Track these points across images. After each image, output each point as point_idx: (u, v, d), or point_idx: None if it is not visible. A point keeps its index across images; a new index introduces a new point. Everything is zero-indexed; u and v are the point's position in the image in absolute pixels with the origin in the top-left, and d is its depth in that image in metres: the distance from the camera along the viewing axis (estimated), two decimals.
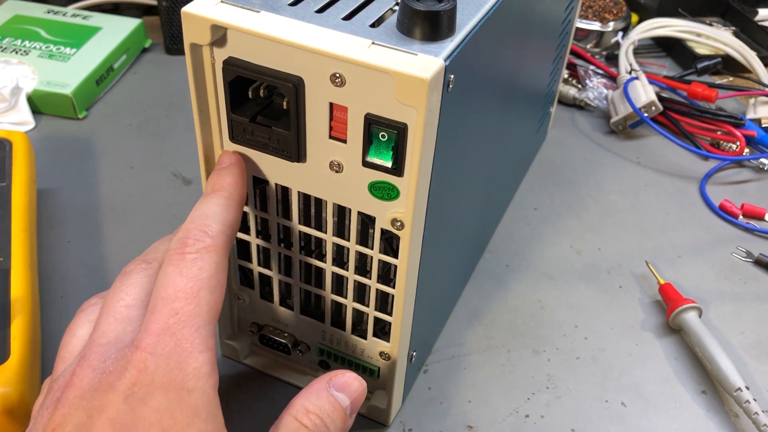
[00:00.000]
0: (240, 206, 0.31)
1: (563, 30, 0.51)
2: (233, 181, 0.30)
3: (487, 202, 0.45)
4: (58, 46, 0.63)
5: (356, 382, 0.30)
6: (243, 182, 0.31)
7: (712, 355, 0.41)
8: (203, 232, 0.28)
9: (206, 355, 0.26)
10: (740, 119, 0.59)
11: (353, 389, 0.30)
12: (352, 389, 0.30)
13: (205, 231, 0.28)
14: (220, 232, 0.28)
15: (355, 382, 0.30)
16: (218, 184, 0.30)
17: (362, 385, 0.30)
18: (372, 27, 0.27)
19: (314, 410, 0.29)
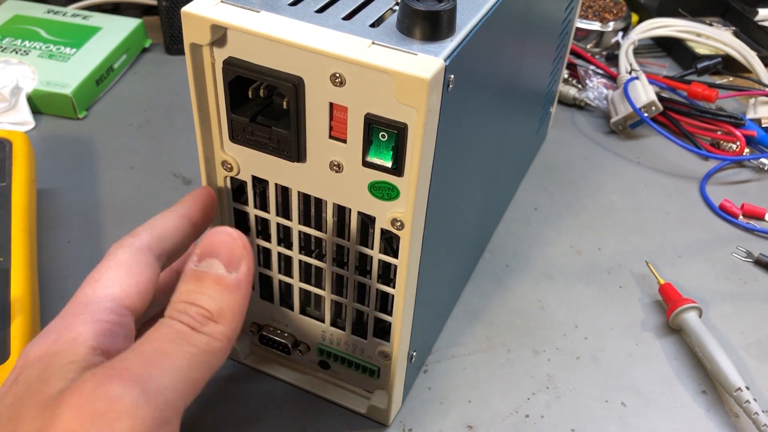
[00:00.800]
0: (184, 220, 0.30)
1: (563, 30, 0.51)
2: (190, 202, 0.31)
3: (487, 202, 0.45)
4: (58, 46, 0.63)
5: (217, 235, 0.25)
6: (200, 207, 0.31)
7: (712, 355, 0.41)
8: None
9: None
10: (740, 119, 0.59)
11: (217, 244, 0.25)
12: (216, 246, 0.25)
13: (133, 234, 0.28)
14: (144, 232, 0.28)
15: (216, 237, 0.25)
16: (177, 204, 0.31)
17: (226, 234, 0.25)
18: (372, 27, 0.27)
19: (179, 299, 0.25)
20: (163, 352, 0.22)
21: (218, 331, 0.23)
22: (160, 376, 0.22)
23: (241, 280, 0.25)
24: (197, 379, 0.23)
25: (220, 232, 0.25)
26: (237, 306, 0.24)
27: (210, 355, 0.23)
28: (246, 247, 0.25)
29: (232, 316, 0.24)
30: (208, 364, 0.23)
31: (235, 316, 0.24)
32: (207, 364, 0.23)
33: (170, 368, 0.22)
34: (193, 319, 0.23)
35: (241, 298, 0.24)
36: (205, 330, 0.23)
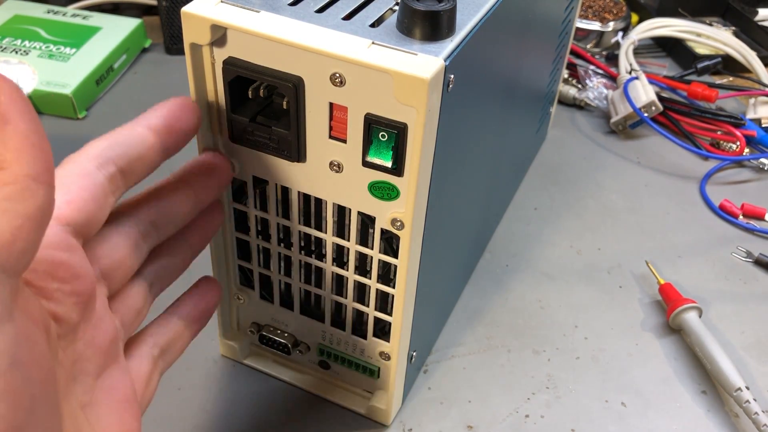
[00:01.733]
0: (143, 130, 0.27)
1: (563, 30, 0.51)
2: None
3: (487, 202, 0.45)
4: (58, 46, 0.63)
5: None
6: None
7: (712, 355, 0.41)
8: None
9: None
10: (740, 119, 0.59)
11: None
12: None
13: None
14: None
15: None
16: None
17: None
18: (372, 27, 0.27)
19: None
20: None
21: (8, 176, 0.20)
22: None
23: (3, 113, 0.20)
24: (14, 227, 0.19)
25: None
26: (12, 139, 0.20)
27: (11, 202, 0.19)
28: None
29: (15, 152, 0.20)
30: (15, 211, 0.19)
31: (19, 148, 0.20)
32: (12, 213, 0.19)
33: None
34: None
35: (14, 127, 0.20)
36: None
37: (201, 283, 0.32)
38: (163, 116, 0.27)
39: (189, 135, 0.28)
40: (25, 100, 0.20)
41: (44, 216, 0.20)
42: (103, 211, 0.25)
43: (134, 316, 0.28)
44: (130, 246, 0.27)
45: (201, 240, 0.31)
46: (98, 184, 0.25)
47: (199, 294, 0.32)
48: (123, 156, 0.26)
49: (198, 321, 0.31)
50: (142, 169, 0.27)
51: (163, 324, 0.30)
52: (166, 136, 0.27)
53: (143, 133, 0.27)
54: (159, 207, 0.28)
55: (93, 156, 0.25)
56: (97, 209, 0.24)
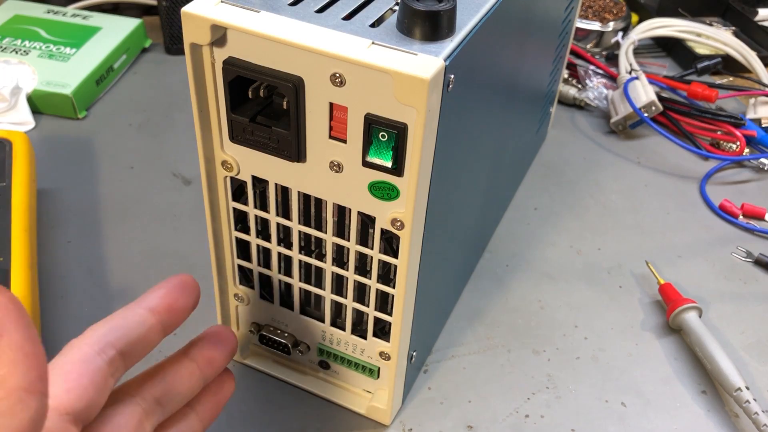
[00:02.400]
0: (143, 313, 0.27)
1: (563, 30, 0.51)
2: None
3: (487, 202, 0.45)
4: (58, 46, 0.63)
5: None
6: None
7: (712, 355, 0.41)
8: None
9: None
10: (740, 119, 0.59)
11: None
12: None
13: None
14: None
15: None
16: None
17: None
18: (372, 27, 0.27)
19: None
20: None
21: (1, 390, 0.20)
22: None
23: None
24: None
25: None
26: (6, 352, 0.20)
27: (3, 417, 0.19)
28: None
29: (10, 366, 0.20)
30: (7, 426, 0.19)
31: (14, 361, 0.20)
32: (4, 427, 0.19)
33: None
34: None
35: (9, 340, 0.20)
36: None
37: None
38: (162, 297, 0.28)
39: (188, 312, 0.29)
40: (20, 309, 0.20)
41: (36, 426, 0.20)
42: (102, 396, 0.25)
43: None
44: (133, 426, 0.27)
45: (211, 412, 0.31)
46: (98, 370, 0.25)
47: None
48: (123, 339, 0.26)
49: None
50: (142, 350, 0.27)
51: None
52: (166, 316, 0.28)
53: (143, 314, 0.27)
54: (163, 384, 0.28)
55: (93, 341, 0.26)
56: (96, 394, 0.25)
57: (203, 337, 0.31)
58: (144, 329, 0.27)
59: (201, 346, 0.31)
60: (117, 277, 0.46)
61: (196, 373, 0.30)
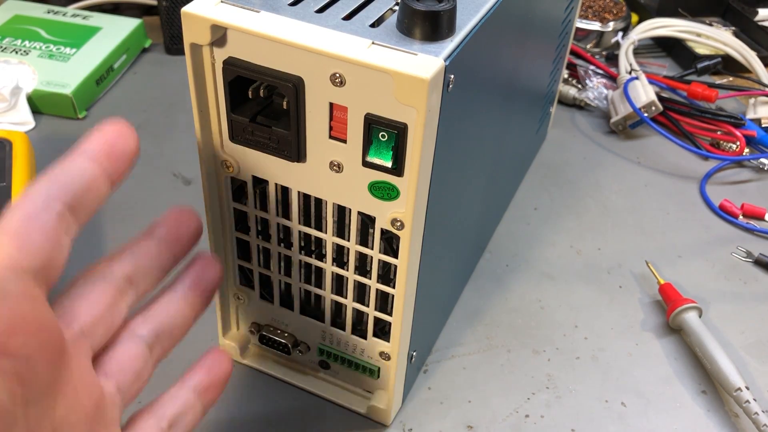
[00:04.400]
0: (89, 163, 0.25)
1: (563, 30, 0.51)
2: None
3: (487, 202, 0.45)
4: (58, 46, 0.63)
5: None
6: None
7: (712, 355, 0.41)
8: None
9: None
10: (740, 119, 0.59)
11: None
12: None
13: None
14: None
15: None
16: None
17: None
18: (372, 27, 0.27)
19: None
20: None
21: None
22: None
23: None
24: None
25: None
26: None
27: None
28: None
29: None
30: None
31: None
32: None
33: None
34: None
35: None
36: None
37: (210, 353, 0.30)
38: (100, 142, 0.26)
39: (131, 157, 0.26)
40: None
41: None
42: (60, 253, 0.23)
43: (132, 379, 0.26)
44: (106, 301, 0.25)
45: (200, 298, 0.29)
46: (48, 224, 0.23)
47: (209, 363, 0.30)
48: (66, 192, 0.24)
49: (209, 391, 0.29)
50: (90, 202, 0.25)
51: (172, 395, 0.28)
52: (107, 161, 0.25)
53: (82, 163, 0.25)
54: (131, 262, 0.27)
55: (34, 198, 0.23)
56: (52, 250, 0.23)
57: (166, 215, 0.29)
58: (86, 178, 0.25)
59: (164, 224, 0.29)
60: None
61: (164, 250, 0.28)
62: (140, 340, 0.27)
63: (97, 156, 0.25)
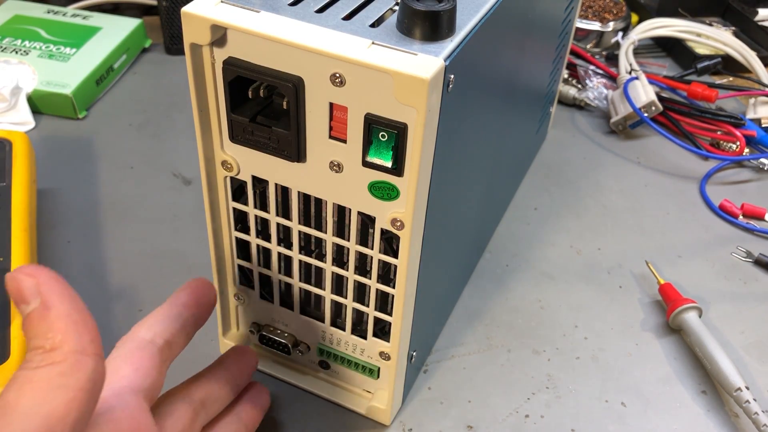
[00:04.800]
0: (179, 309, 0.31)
1: (563, 30, 0.51)
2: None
3: (487, 202, 0.45)
4: (58, 46, 0.63)
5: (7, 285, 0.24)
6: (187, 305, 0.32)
7: (712, 355, 0.41)
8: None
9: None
10: (740, 119, 0.59)
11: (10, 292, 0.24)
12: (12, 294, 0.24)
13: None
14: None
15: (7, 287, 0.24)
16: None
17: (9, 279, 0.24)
18: (372, 27, 0.27)
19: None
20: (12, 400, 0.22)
21: (58, 355, 0.22)
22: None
23: (44, 301, 0.24)
24: (67, 400, 0.22)
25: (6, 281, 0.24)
26: (57, 322, 0.23)
27: (63, 377, 0.22)
28: (28, 272, 0.24)
29: (62, 333, 0.23)
30: (67, 385, 0.22)
31: (64, 329, 0.23)
32: (65, 388, 0.22)
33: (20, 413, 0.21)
34: (32, 362, 0.23)
35: (57, 311, 0.23)
36: (46, 361, 0.23)
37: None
38: (190, 294, 0.32)
39: (212, 307, 0.33)
40: (62, 284, 0.24)
41: (95, 385, 0.23)
42: (161, 378, 0.29)
43: None
44: (189, 419, 0.30)
45: (253, 420, 0.35)
46: (155, 354, 0.29)
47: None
48: (167, 330, 0.30)
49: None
50: (182, 340, 0.31)
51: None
52: (196, 309, 0.32)
53: (178, 309, 0.31)
54: (205, 389, 0.32)
55: (144, 332, 0.29)
56: (157, 375, 0.29)
57: (232, 351, 0.36)
58: (182, 321, 0.31)
59: (231, 359, 0.35)
60: (117, 277, 0.46)
61: (230, 380, 0.34)
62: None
63: (189, 305, 0.32)
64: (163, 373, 0.29)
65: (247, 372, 0.35)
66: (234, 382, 0.34)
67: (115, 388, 0.27)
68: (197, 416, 0.31)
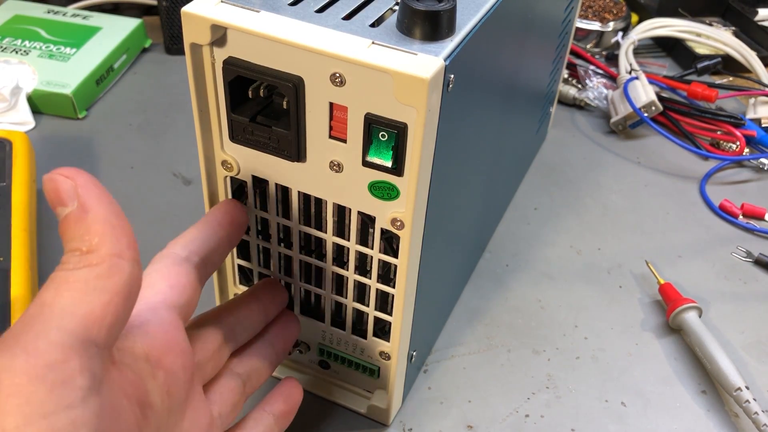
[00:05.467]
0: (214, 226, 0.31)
1: (563, 30, 0.51)
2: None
3: (487, 201, 0.45)
4: (58, 46, 0.63)
5: (45, 187, 0.23)
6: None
7: (712, 355, 0.41)
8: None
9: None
10: (740, 119, 0.59)
11: (48, 194, 0.23)
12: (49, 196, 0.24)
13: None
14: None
15: (45, 188, 0.23)
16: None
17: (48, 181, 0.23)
18: (372, 27, 0.27)
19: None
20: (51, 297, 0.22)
21: (95, 257, 0.22)
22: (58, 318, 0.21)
23: (82, 203, 0.23)
24: (104, 303, 0.22)
25: (44, 182, 0.23)
26: (94, 225, 0.23)
27: (100, 280, 0.22)
28: (67, 174, 0.23)
29: (99, 236, 0.23)
30: (104, 287, 0.22)
31: (102, 232, 0.23)
32: (101, 290, 0.22)
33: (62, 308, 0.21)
34: (69, 263, 0.23)
35: (95, 214, 0.23)
36: (83, 263, 0.22)
37: (286, 382, 0.35)
38: (225, 212, 0.32)
39: (244, 227, 0.32)
40: (99, 188, 0.23)
41: (132, 290, 0.23)
42: (197, 295, 0.29)
43: (230, 408, 0.31)
44: (217, 344, 0.30)
45: (283, 346, 0.35)
46: (190, 271, 0.29)
47: (286, 392, 0.34)
48: (203, 248, 0.30)
49: (285, 417, 0.34)
50: (218, 259, 0.31)
51: (255, 418, 0.32)
52: (230, 228, 0.31)
53: (214, 227, 0.31)
54: (236, 316, 0.32)
55: (179, 250, 0.29)
56: (193, 293, 0.29)
57: (264, 281, 0.35)
58: (216, 240, 0.30)
59: (263, 289, 0.34)
60: None
61: (261, 309, 0.33)
62: (237, 377, 0.32)
63: (224, 223, 0.31)
64: (199, 291, 0.29)
65: (277, 302, 0.35)
66: (264, 311, 0.34)
67: (150, 302, 0.27)
68: (227, 341, 0.31)
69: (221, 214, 0.31)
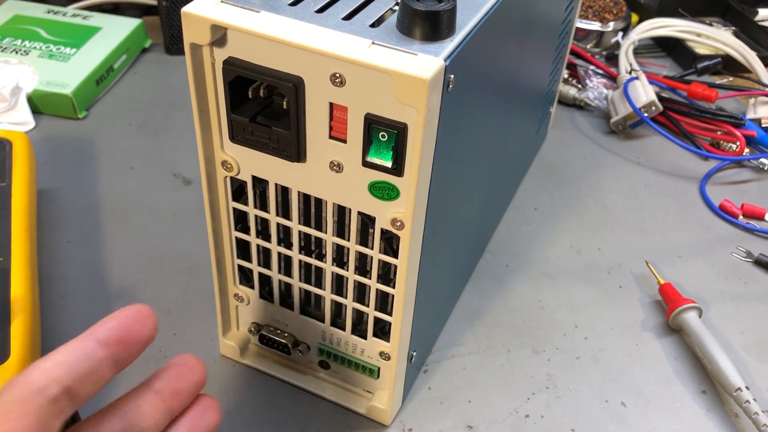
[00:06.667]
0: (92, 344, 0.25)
1: (563, 30, 0.51)
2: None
3: (487, 202, 0.45)
4: (58, 46, 0.63)
5: None
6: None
7: (712, 355, 0.41)
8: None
9: None
10: (740, 119, 0.59)
11: None
12: None
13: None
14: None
15: None
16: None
17: None
18: (372, 27, 0.27)
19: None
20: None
21: None
22: None
23: None
24: None
25: None
26: None
27: None
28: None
29: None
30: None
31: None
32: None
33: None
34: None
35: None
36: None
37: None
38: (113, 328, 0.25)
39: (143, 345, 0.26)
40: None
41: None
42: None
43: None
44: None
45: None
46: (43, 408, 0.23)
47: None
48: (68, 374, 0.24)
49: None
50: (91, 386, 0.25)
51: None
52: (117, 348, 0.25)
53: (91, 347, 0.25)
54: (124, 421, 0.26)
55: (34, 379, 0.24)
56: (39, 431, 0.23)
57: (167, 367, 0.28)
58: (92, 363, 0.25)
59: (164, 378, 0.28)
60: (117, 277, 0.46)
61: (161, 406, 0.27)
62: None
63: (108, 342, 0.25)
64: (54, 428, 0.23)
65: (186, 393, 0.28)
66: (167, 408, 0.27)
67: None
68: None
69: (108, 329, 0.25)
